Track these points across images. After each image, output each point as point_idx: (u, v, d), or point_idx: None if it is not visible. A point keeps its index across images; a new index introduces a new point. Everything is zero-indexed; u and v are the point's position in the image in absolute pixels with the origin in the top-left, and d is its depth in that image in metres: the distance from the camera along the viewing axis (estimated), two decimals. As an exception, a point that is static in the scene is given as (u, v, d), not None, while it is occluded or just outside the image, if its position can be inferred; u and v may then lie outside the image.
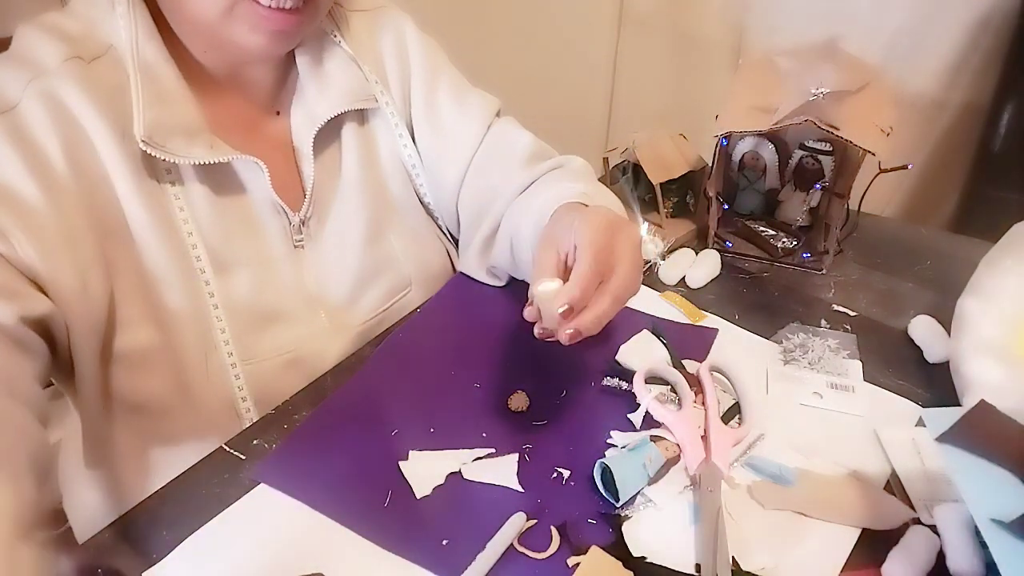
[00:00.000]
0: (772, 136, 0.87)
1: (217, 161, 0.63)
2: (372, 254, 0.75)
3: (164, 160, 0.61)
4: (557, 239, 0.58)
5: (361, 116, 0.76)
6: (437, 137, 0.79)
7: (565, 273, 0.56)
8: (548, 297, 0.53)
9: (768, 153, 0.89)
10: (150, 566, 0.51)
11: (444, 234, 0.84)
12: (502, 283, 0.79)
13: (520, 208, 0.72)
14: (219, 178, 0.66)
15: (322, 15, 0.67)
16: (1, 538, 0.39)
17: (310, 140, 0.71)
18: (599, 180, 0.84)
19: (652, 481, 0.57)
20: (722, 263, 0.84)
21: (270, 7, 0.59)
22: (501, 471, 0.58)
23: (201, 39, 0.64)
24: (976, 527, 0.46)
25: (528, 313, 0.56)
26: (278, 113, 0.73)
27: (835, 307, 0.78)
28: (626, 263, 0.56)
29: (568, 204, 0.64)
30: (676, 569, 0.51)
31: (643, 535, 0.53)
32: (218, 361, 0.65)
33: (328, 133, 0.73)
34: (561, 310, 0.52)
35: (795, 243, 0.88)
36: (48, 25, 0.60)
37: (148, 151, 0.59)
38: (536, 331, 0.57)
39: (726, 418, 0.63)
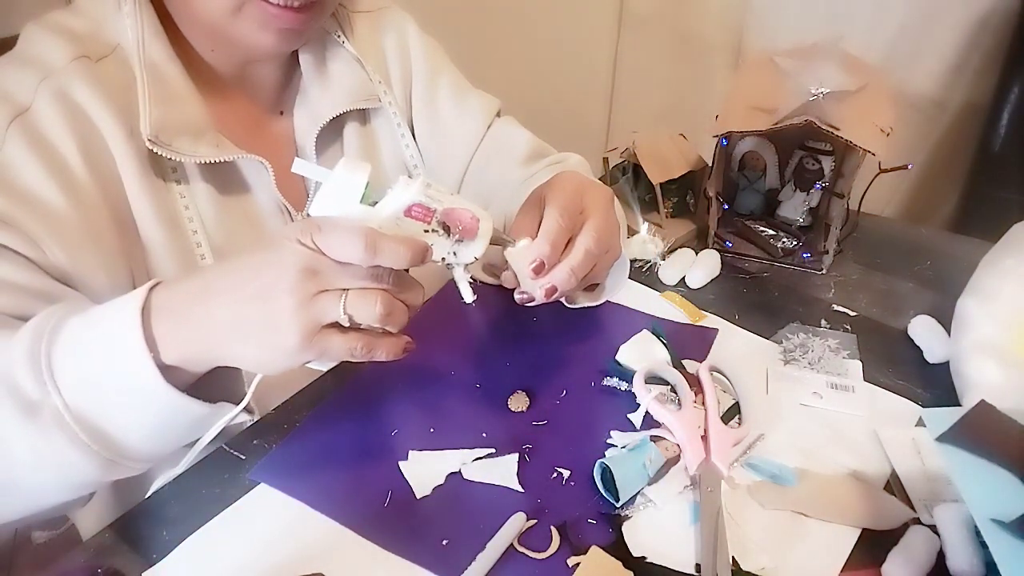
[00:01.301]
0: (772, 136, 0.87)
1: (222, 160, 0.63)
2: None
3: (170, 159, 0.61)
4: (530, 204, 0.58)
5: (364, 116, 0.76)
6: (437, 136, 0.79)
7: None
8: (518, 254, 0.53)
9: (768, 153, 0.89)
10: (150, 566, 0.52)
11: (444, 234, 0.84)
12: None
13: (514, 204, 0.72)
14: (224, 177, 0.66)
15: (328, 13, 0.67)
16: None
17: (312, 139, 0.71)
18: (599, 180, 0.84)
19: (652, 481, 0.57)
20: (722, 263, 0.84)
21: (279, 5, 0.59)
22: (501, 471, 0.58)
23: (208, 38, 0.64)
24: (976, 527, 0.46)
25: (505, 278, 0.57)
26: (281, 113, 0.73)
27: (835, 307, 0.78)
28: (597, 216, 0.56)
29: None
30: (676, 569, 0.51)
31: (643, 535, 0.53)
32: None
33: (331, 133, 0.73)
34: (532, 265, 0.52)
35: (795, 243, 0.88)
36: (55, 24, 0.60)
37: (155, 150, 0.60)
38: (516, 296, 0.57)
39: (726, 418, 0.63)
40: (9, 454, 0.49)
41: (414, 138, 0.79)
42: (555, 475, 0.58)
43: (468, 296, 0.53)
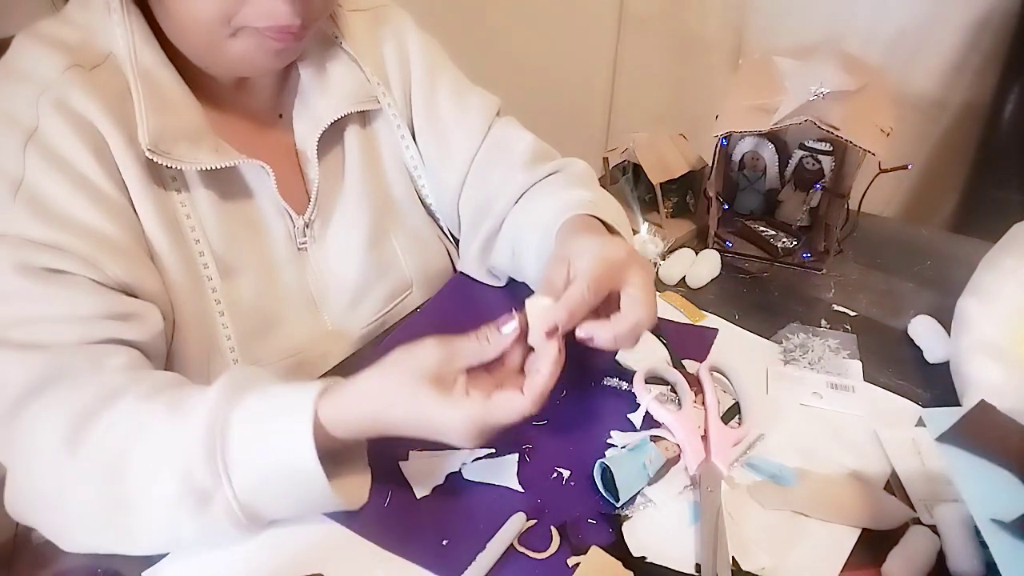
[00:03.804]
0: (772, 136, 0.87)
1: (223, 166, 0.63)
2: (374, 256, 0.75)
3: (169, 167, 0.61)
4: (571, 258, 0.57)
5: (363, 118, 0.76)
6: (438, 137, 0.78)
7: None
8: (537, 313, 0.54)
9: (768, 153, 0.89)
10: (150, 566, 0.52)
11: (445, 235, 0.84)
12: (502, 283, 0.79)
13: (524, 214, 0.72)
14: (224, 182, 0.66)
15: (319, 21, 0.65)
16: None
17: (314, 144, 0.70)
18: (599, 180, 0.84)
19: (652, 481, 0.57)
20: (722, 263, 0.84)
21: (277, 29, 0.58)
22: (501, 471, 0.58)
23: (200, 57, 0.63)
24: (976, 527, 0.46)
25: (515, 323, 0.56)
26: (280, 116, 0.73)
27: (835, 307, 0.78)
28: (644, 309, 0.56)
29: (578, 218, 0.64)
30: (676, 569, 0.51)
31: (643, 535, 0.53)
32: (222, 365, 0.65)
33: (331, 135, 0.72)
34: (546, 329, 0.52)
35: (795, 243, 0.88)
36: (45, 35, 0.59)
37: (154, 159, 0.59)
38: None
39: (726, 418, 0.63)
40: (175, 529, 0.51)
41: (414, 139, 0.79)
42: (555, 475, 0.58)
43: None
